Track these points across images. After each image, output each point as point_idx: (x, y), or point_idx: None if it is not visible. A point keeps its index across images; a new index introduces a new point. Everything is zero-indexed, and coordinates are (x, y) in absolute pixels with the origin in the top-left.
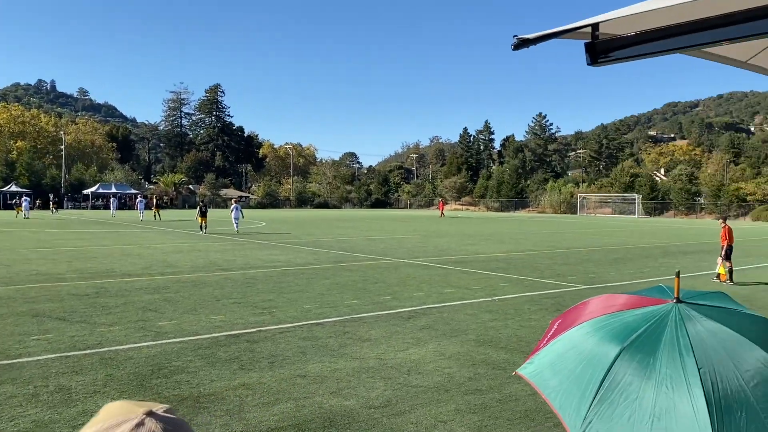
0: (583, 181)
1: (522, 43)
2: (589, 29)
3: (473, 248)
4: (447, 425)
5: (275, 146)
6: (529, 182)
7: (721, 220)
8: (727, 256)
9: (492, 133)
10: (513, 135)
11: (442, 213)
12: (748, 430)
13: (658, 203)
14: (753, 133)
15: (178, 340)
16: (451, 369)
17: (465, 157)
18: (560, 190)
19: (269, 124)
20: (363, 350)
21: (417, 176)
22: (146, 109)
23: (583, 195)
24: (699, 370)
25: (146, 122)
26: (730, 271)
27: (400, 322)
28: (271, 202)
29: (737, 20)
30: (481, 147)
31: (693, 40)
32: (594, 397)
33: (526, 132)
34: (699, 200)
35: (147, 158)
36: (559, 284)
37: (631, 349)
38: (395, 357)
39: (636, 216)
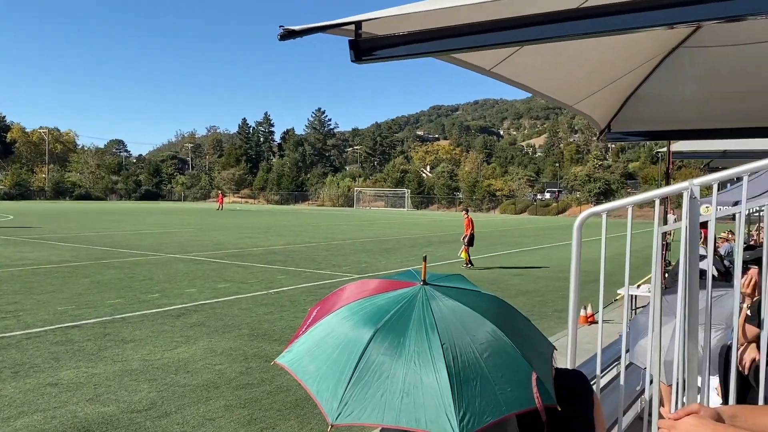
0: (360, 176)
1: (288, 34)
2: (353, 27)
3: (251, 241)
4: (215, 422)
5: (27, 130)
6: (308, 176)
7: (464, 212)
8: (470, 243)
9: (272, 125)
10: (293, 128)
11: (220, 206)
12: (482, 396)
13: (424, 197)
14: (502, 137)
15: None
16: (222, 365)
17: (244, 149)
18: (338, 184)
19: (19, 105)
20: (126, 352)
21: (192, 167)
22: None
23: (360, 189)
24: (442, 345)
25: None
26: (469, 256)
27: (169, 320)
28: (22, 193)
29: (480, 30)
30: (261, 139)
31: (443, 45)
32: (350, 380)
33: (306, 126)
34: (458, 195)
35: None
36: (335, 274)
37: (383, 330)
38: (162, 357)
39: (406, 209)
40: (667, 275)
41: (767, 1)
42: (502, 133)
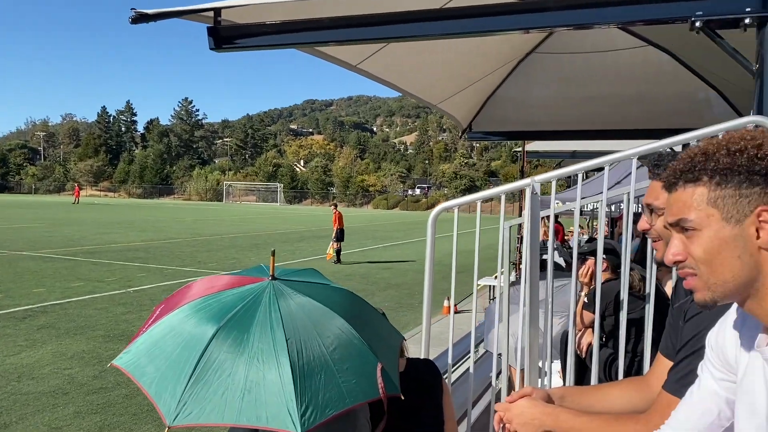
0: (230, 169)
1: (141, 18)
2: (211, 14)
3: (109, 237)
4: (62, 431)
5: None
6: (174, 168)
7: (333, 207)
8: (338, 238)
9: (134, 114)
10: (158, 118)
11: (76, 199)
12: (326, 389)
13: (297, 192)
14: (375, 133)
15: None
16: (73, 369)
17: (104, 139)
18: (207, 177)
19: None
20: None
21: (45, 157)
22: None
23: (229, 183)
24: (287, 341)
25: None
26: (338, 252)
27: (13, 323)
28: None
29: (344, 24)
30: (123, 129)
31: (307, 38)
32: (189, 379)
33: (171, 116)
34: (332, 190)
35: None
36: (199, 271)
37: (226, 327)
38: (3, 363)
39: (278, 204)
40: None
41: (612, 12)
42: (375, 129)
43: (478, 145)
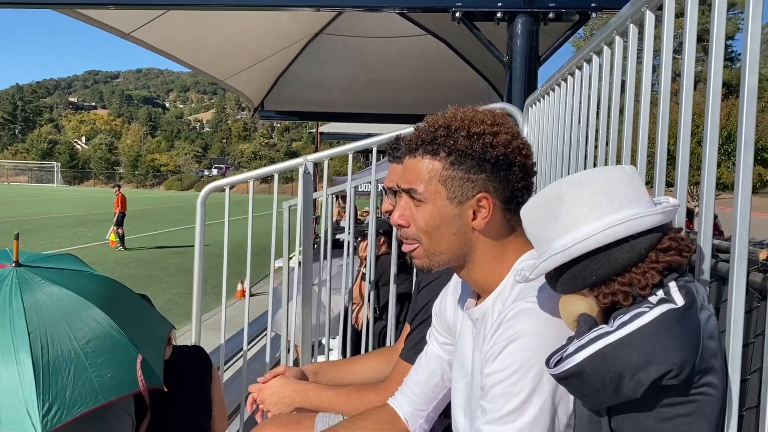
0: None
1: None
2: None
3: None
4: None
5: None
6: None
7: (115, 188)
8: (119, 223)
9: None
10: None
11: None
12: (75, 386)
13: (78, 172)
14: (168, 109)
15: None
16: None
17: None
18: None
19: None
20: None
21: None
22: None
23: None
24: (30, 334)
25: None
26: (122, 238)
27: None
28: None
29: None
30: None
31: None
32: None
33: None
34: (118, 170)
35: None
36: None
37: None
38: None
39: (55, 185)
40: (315, 246)
41: None
42: (167, 105)
43: (279, 125)
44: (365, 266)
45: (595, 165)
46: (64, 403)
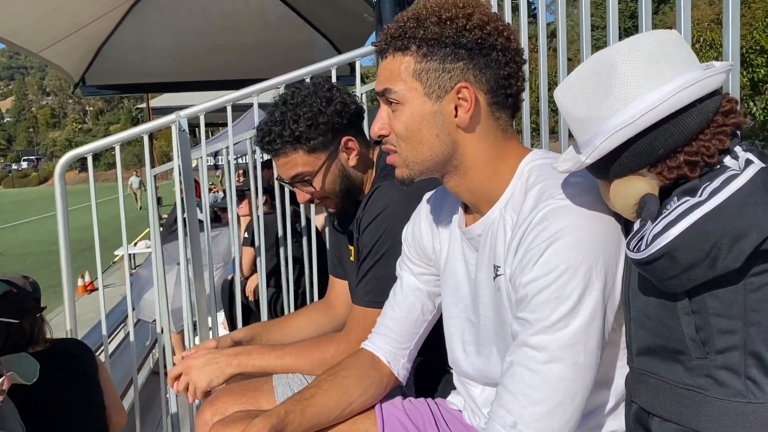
0: None
1: None
2: None
3: None
4: None
5: None
6: None
7: None
8: None
9: None
10: None
11: None
12: None
13: None
14: None
15: None
16: None
17: None
18: None
19: None
20: None
21: None
22: None
23: None
24: None
25: None
26: None
27: None
28: None
29: None
30: None
31: None
32: None
33: None
34: None
35: None
36: None
37: None
38: None
39: None
40: (162, 228)
41: None
42: None
43: (91, 108)
44: (246, 230)
45: None
46: None
